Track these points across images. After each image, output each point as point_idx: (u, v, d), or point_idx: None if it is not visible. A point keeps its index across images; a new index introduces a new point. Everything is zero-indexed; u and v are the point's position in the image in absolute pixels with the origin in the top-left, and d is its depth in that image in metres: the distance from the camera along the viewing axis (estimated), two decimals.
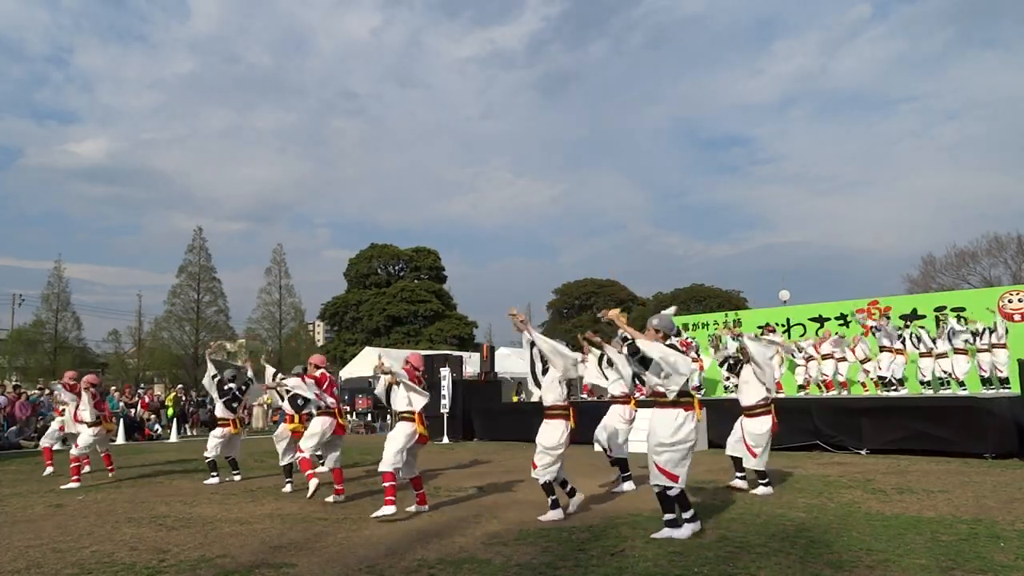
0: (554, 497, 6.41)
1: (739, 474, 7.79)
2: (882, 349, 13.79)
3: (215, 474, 9.59)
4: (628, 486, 7.99)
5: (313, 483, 7.96)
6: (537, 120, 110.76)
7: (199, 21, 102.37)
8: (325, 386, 8.31)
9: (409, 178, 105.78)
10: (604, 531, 5.77)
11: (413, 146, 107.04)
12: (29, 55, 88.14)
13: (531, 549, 5.16)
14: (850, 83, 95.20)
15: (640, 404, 8.12)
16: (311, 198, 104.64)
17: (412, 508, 6.89)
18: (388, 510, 6.44)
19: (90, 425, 9.75)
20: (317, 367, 8.55)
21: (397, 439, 6.67)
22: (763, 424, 7.51)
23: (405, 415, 6.83)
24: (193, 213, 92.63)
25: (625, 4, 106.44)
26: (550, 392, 6.48)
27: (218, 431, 9.71)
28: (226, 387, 9.82)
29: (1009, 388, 12.85)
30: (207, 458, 9.61)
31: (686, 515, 5.49)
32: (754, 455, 7.51)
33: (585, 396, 15.67)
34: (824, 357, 15.24)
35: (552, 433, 6.37)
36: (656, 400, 5.63)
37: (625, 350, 6.09)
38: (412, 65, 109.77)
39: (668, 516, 5.50)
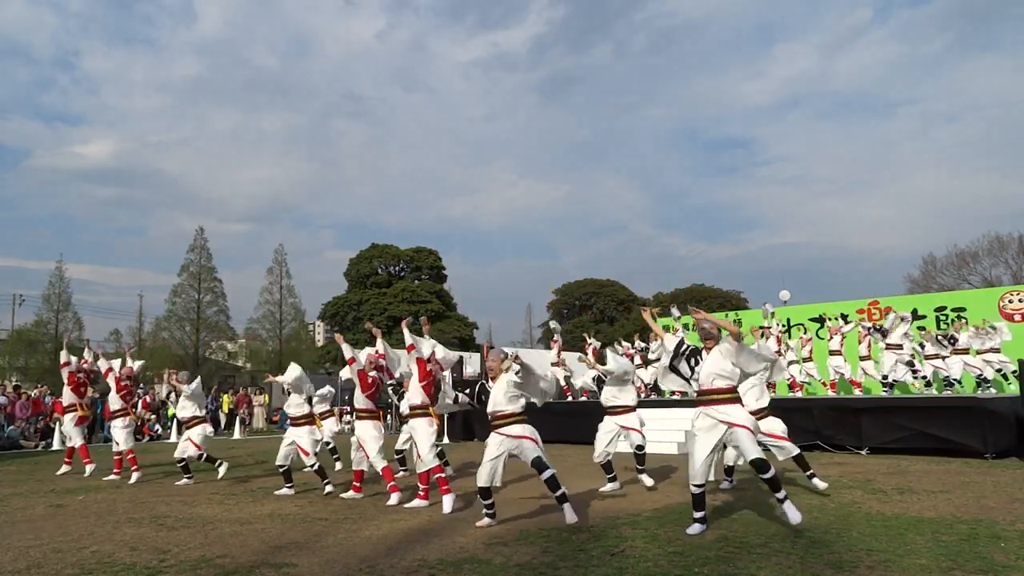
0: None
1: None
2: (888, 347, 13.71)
3: (327, 481, 8.48)
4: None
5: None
6: (540, 122, 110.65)
7: (205, 25, 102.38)
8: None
9: (412, 180, 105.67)
10: (604, 531, 5.77)
11: (417, 148, 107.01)
12: (37, 58, 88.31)
13: (531, 549, 5.16)
14: (850, 85, 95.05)
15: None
16: (314, 199, 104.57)
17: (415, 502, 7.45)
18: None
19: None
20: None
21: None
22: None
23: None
24: (198, 214, 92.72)
25: (628, 8, 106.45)
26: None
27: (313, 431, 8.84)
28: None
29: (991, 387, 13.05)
30: (312, 465, 8.50)
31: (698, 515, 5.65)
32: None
33: (584, 398, 15.66)
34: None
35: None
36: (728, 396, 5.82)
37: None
38: (416, 68, 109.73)
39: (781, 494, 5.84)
